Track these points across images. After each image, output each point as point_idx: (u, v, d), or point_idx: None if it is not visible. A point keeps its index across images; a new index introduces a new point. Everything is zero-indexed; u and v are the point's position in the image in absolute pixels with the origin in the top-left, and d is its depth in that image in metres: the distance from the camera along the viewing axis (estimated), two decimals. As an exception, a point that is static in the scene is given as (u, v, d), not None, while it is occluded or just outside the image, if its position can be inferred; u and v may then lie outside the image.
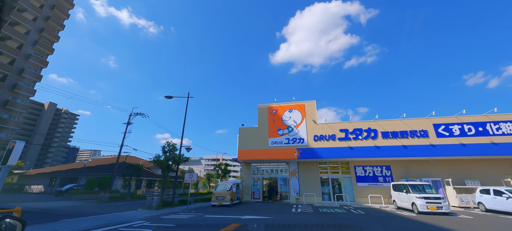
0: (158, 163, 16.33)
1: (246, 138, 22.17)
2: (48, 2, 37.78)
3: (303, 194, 19.52)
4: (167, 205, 16.29)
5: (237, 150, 21.40)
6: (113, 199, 22.89)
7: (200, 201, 21.79)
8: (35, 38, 35.16)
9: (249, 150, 21.42)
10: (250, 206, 16.32)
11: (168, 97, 21.32)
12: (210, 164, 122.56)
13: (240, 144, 21.87)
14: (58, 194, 25.27)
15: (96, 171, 35.20)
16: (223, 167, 30.29)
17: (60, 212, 12.92)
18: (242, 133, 22.49)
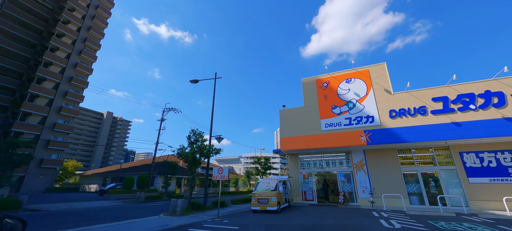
0: (183, 156, 13.35)
1: (289, 123, 17.55)
2: (88, 13, 40.85)
3: (383, 195, 13.74)
4: (197, 208, 13.20)
5: (279, 138, 16.99)
6: (149, 198, 21.69)
7: (239, 202, 18.46)
8: (80, 47, 38.32)
9: (294, 137, 16.76)
10: (305, 212, 11.75)
11: (194, 81, 18.51)
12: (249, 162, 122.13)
13: (283, 131, 17.40)
14: (101, 193, 25.78)
15: (139, 170, 36.26)
16: (263, 161, 26.40)
17: (81, 214, 11.14)
18: (285, 116, 17.94)
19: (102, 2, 44.39)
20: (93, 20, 41.78)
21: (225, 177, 10.14)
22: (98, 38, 42.43)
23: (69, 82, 35.79)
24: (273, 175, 47.08)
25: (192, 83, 18.56)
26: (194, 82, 18.47)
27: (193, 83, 18.51)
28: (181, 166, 36.61)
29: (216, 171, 10.42)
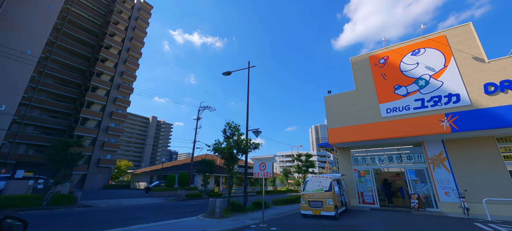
0: (219, 151, 12.22)
1: (338, 111, 14.91)
2: (129, 25, 44.64)
3: (484, 200, 10.10)
4: (237, 209, 11.92)
5: (327, 129, 14.53)
6: (189, 196, 21.77)
7: (281, 203, 16.76)
8: (124, 56, 42.12)
9: (345, 128, 14.07)
10: (373, 220, 9.25)
11: (226, 73, 17.43)
12: (285, 161, 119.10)
13: (330, 121, 14.87)
14: (146, 191, 27.24)
15: (180, 168, 37.82)
16: (305, 158, 24.02)
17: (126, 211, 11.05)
18: (331, 104, 15.35)
19: (140, 14, 48.11)
20: (134, 31, 45.53)
21: (269, 174, 8.47)
22: (139, 47, 46.06)
23: (117, 89, 39.59)
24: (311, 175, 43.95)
25: (224, 75, 17.51)
26: (226, 74, 17.41)
27: (226, 75, 17.43)
28: (218, 164, 36.83)
29: (257, 167, 8.83)
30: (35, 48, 19.72)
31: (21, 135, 28.88)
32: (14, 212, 11.02)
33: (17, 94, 18.19)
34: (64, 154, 13.75)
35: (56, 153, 13.67)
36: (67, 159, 13.77)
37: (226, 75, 17.25)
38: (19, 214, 10.19)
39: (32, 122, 30.68)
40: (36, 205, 12.11)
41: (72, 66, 36.72)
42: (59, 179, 13.68)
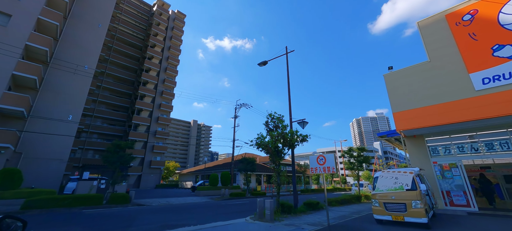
0: (262, 146, 10.98)
1: (406, 90, 12.00)
2: (167, 35, 47.84)
3: None
4: (288, 211, 10.52)
5: (392, 113, 11.80)
6: (233, 195, 21.41)
7: (335, 204, 14.81)
8: (165, 65, 45.32)
9: (418, 109, 11.15)
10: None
11: (262, 63, 16.25)
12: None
13: (395, 103, 12.07)
14: (193, 190, 28.20)
15: (222, 168, 38.57)
16: (357, 153, 21.01)
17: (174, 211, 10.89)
18: (395, 82, 12.50)
19: (175, 24, 51.17)
20: (171, 40, 48.65)
21: (331, 169, 6.78)
22: (176, 55, 49.01)
23: (161, 96, 42.81)
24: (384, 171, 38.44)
25: (260, 65, 16.34)
26: (262, 64, 16.18)
27: (262, 65, 16.23)
28: (258, 162, 36.11)
29: (314, 161, 7.22)
30: (91, 63, 22.16)
31: (88, 142, 33.61)
32: (124, 206, 12.20)
33: (80, 105, 20.67)
34: (117, 155, 14.68)
35: (111, 155, 14.68)
36: (120, 160, 14.64)
37: (262, 65, 16.05)
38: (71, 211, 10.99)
39: (96, 131, 35.42)
40: (97, 204, 13.04)
41: (123, 78, 41.23)
42: (116, 180, 14.64)
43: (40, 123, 17.83)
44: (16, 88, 17.19)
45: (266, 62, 16.05)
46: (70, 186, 17.63)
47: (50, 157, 18.06)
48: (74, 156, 30.86)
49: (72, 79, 20.49)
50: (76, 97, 20.58)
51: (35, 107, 17.98)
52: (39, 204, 11.28)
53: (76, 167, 29.35)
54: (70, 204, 12.10)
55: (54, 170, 18.09)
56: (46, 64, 19.14)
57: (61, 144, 18.72)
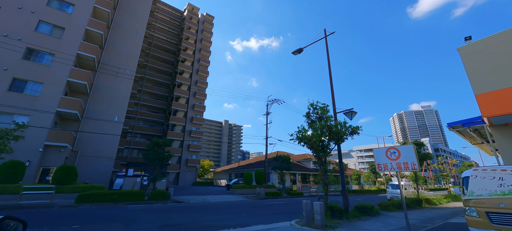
0: (305, 141, 9.62)
1: (493, 64, 9.20)
2: (197, 37, 49.50)
3: None
4: (339, 215, 9.05)
5: (475, 95, 9.16)
6: (269, 195, 20.45)
7: (392, 208, 12.61)
8: (196, 67, 46.97)
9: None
10: None
11: (297, 51, 14.92)
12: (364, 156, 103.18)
13: (477, 82, 9.33)
14: (227, 188, 28.18)
15: (254, 166, 38.05)
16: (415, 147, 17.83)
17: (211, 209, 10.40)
18: (475, 56, 9.74)
19: (205, 26, 52.68)
20: (202, 42, 50.23)
21: (411, 165, 5.11)
22: (207, 56, 50.41)
23: (194, 97, 44.46)
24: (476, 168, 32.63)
25: (295, 54, 14.97)
26: (297, 52, 14.82)
27: (296, 53, 14.85)
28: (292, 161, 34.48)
29: (381, 156, 5.65)
30: (131, 68, 23.71)
31: (133, 142, 36.71)
32: (163, 203, 12.75)
33: (124, 107, 22.26)
34: (156, 153, 15.05)
35: (151, 153, 15.10)
36: (159, 158, 14.96)
37: (297, 53, 14.67)
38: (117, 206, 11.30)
39: (139, 132, 38.51)
40: (139, 200, 13.42)
41: (160, 82, 44.06)
42: (156, 176, 15.02)
43: (91, 124, 19.59)
44: (71, 93, 19.18)
45: (302, 50, 14.62)
46: (118, 182, 18.93)
47: (101, 155, 19.71)
48: (121, 155, 33.99)
49: (116, 83, 22.15)
50: (120, 100, 22.18)
51: (87, 110, 19.83)
52: (90, 198, 11.98)
53: (123, 165, 32.19)
54: (116, 199, 12.64)
55: (104, 167, 19.69)
56: (94, 70, 21.00)
57: (109, 143, 20.31)
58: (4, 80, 15.01)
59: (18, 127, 10.70)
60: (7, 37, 15.52)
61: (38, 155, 15.10)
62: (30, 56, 16.51)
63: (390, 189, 18.76)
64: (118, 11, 25.07)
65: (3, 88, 14.85)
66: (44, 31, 17.37)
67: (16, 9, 16.46)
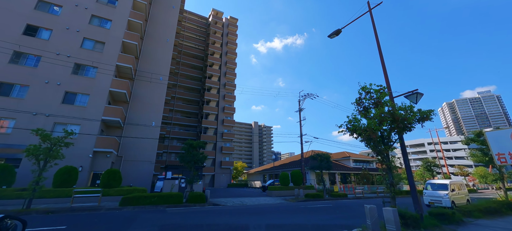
0: (359, 132, 7.95)
1: None
2: (223, 41, 50.21)
3: None
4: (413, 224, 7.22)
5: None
6: (309, 197, 18.79)
7: (478, 214, 10.18)
8: (224, 70, 47.58)
9: None
10: None
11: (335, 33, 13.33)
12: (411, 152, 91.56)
13: None
14: (263, 190, 27.23)
15: (289, 166, 36.43)
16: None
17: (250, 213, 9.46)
18: None
19: (230, 29, 53.22)
20: (227, 46, 50.80)
21: None
22: (233, 58, 50.78)
23: (224, 99, 45.01)
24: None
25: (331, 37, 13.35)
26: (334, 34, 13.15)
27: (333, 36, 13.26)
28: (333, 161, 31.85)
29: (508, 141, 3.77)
30: (164, 75, 24.62)
31: (170, 146, 38.62)
32: (201, 206, 12.77)
33: (159, 113, 23.20)
34: (191, 155, 14.88)
35: (186, 155, 15.00)
36: (194, 159, 14.76)
37: (335, 36, 12.93)
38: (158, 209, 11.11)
39: (175, 136, 40.42)
40: (178, 202, 13.26)
41: (191, 88, 45.80)
42: (193, 179, 14.84)
43: (132, 130, 20.70)
44: (113, 102, 20.57)
45: (340, 31, 12.86)
46: (158, 185, 19.54)
47: (142, 159, 20.66)
48: (160, 159, 35.95)
49: (152, 90, 23.18)
50: (156, 106, 23.13)
51: (127, 117, 21.03)
52: (133, 201, 12.17)
53: (163, 168, 33.89)
54: (156, 202, 12.65)
55: (146, 171, 20.56)
56: (132, 79, 22.26)
57: (149, 147, 21.21)
58: (58, 94, 16.62)
59: (67, 135, 11.34)
60: (59, 55, 17.22)
61: (89, 161, 16.27)
62: (78, 70, 18.09)
63: (430, 191, 14.26)
64: (149, 22, 26.40)
65: (58, 101, 16.45)
66: (88, 47, 18.93)
67: (64, 30, 18.25)
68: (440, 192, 13.52)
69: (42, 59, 16.80)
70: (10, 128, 14.77)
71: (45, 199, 12.20)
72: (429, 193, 14.17)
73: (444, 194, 13.17)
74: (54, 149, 10.94)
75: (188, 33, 49.84)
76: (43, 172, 10.52)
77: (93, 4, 20.22)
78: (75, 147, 15.81)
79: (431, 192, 14.10)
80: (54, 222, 8.12)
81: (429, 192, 14.21)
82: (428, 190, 14.44)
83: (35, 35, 17.37)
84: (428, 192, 14.27)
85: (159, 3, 28.11)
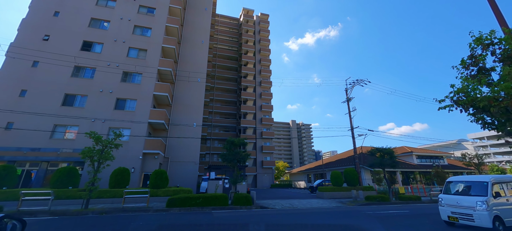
0: (482, 103, 5.33)
1: None
2: (255, 39, 49.44)
3: None
4: None
5: None
6: (371, 199, 15.79)
7: None
8: (258, 68, 46.70)
9: None
10: None
11: None
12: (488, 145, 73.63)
13: None
14: (312, 190, 24.95)
15: (337, 165, 32.97)
16: None
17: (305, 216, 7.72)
18: None
19: (261, 26, 52.23)
20: (260, 43, 49.91)
21: None
22: (267, 55, 49.54)
23: (260, 98, 44.07)
24: None
25: None
26: None
27: None
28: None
29: None
30: (201, 76, 24.84)
31: (212, 147, 39.51)
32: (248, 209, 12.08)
33: (200, 114, 23.52)
34: (233, 153, 13.96)
35: (228, 154, 14.14)
36: (237, 158, 13.79)
37: None
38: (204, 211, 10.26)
39: (216, 138, 41.22)
40: (223, 204, 12.37)
41: (227, 89, 46.36)
42: (237, 179, 13.89)
43: (176, 132, 21.23)
44: (158, 106, 21.48)
45: None
46: (203, 185, 19.42)
47: (186, 160, 20.97)
48: (204, 160, 37.01)
49: (191, 92, 23.58)
50: (196, 107, 23.42)
51: (171, 119, 21.67)
52: (178, 202, 11.77)
53: (206, 169, 34.71)
54: (201, 204, 12.00)
55: (191, 171, 20.76)
56: (172, 83, 22.98)
57: (192, 148, 21.46)
58: (111, 102, 17.96)
59: (116, 136, 11.59)
60: (109, 65, 18.67)
61: (139, 162, 16.99)
62: (126, 78, 19.35)
63: (451, 196, 7.87)
64: (184, 26, 27.18)
65: (111, 108, 17.76)
66: (133, 56, 20.16)
67: (112, 42, 19.81)
68: (469, 199, 7.27)
69: (96, 70, 18.46)
70: (72, 132, 16.47)
71: (103, 199, 12.84)
72: (448, 201, 7.80)
73: (479, 202, 6.91)
74: (105, 151, 11.26)
75: (221, 36, 50.86)
76: (97, 173, 10.87)
77: (134, 15, 21.58)
78: (127, 150, 16.71)
79: (452, 198, 7.74)
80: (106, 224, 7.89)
81: (450, 197, 7.85)
82: (447, 195, 8.02)
83: (90, 49, 19.29)
84: (447, 198, 7.88)
85: (192, 7, 28.80)
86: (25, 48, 17.26)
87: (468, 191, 7.63)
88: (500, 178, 7.59)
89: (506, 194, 7.32)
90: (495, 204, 6.80)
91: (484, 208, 6.65)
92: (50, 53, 17.59)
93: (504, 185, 7.51)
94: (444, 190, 8.33)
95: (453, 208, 7.47)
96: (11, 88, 16.31)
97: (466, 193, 7.63)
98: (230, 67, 48.28)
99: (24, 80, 16.80)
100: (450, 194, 8.04)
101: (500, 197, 6.99)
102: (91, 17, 20.26)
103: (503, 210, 6.88)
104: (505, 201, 7.13)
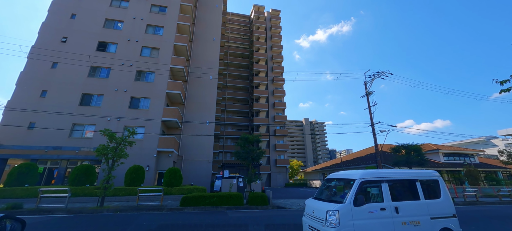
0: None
1: None
2: (267, 35, 48.62)
3: None
4: None
5: None
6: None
7: None
8: (270, 65, 45.88)
9: None
10: None
11: None
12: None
13: None
14: (329, 190, 23.54)
15: (355, 163, 31.47)
16: None
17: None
18: None
19: (272, 23, 51.34)
20: (272, 40, 49.01)
21: None
22: (279, 52, 48.59)
23: (273, 95, 43.25)
24: None
25: None
26: None
27: None
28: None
29: None
30: (213, 74, 24.58)
31: (225, 146, 39.40)
32: (264, 209, 11.65)
33: (212, 112, 23.27)
34: (247, 150, 13.41)
35: (242, 152, 13.62)
36: (251, 155, 13.23)
37: None
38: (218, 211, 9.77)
39: (229, 136, 41.05)
40: (238, 204, 11.86)
41: (239, 87, 46.03)
42: (251, 177, 13.35)
43: (189, 130, 21.09)
44: (171, 104, 21.47)
45: None
46: (217, 184, 19.11)
47: (200, 158, 20.79)
48: (217, 159, 36.96)
49: (203, 90, 23.36)
50: (209, 105, 23.18)
51: (184, 117, 21.59)
52: (192, 201, 11.42)
53: (220, 167, 34.57)
54: (215, 203, 11.57)
55: (205, 169, 20.55)
56: (185, 81, 22.90)
57: (206, 147, 21.25)
58: (125, 100, 18.12)
59: (129, 134, 11.46)
60: (123, 65, 18.86)
61: (154, 161, 16.97)
62: (139, 77, 19.47)
63: (313, 202, 5.31)
64: (196, 24, 27.05)
65: (125, 107, 17.91)
66: (146, 55, 20.25)
67: (126, 42, 20.01)
68: (324, 206, 4.74)
69: (111, 70, 18.72)
70: (91, 131, 16.78)
71: (118, 197, 12.84)
72: (309, 208, 5.30)
73: (331, 212, 4.39)
74: (119, 148, 11.16)
75: (232, 34, 50.60)
76: (111, 171, 10.78)
77: (147, 15, 21.70)
78: (142, 148, 16.74)
79: (311, 206, 5.20)
80: (119, 223, 7.64)
81: (311, 204, 5.31)
82: (312, 200, 5.41)
83: (105, 49, 19.61)
84: (309, 205, 5.34)
85: (203, 4, 28.63)
86: (45, 49, 17.87)
87: (335, 193, 5.34)
88: (377, 174, 4.87)
89: (384, 199, 4.55)
90: (356, 215, 4.24)
91: (333, 223, 4.18)
92: (68, 53, 18.08)
93: (384, 184, 4.72)
94: (317, 192, 5.73)
95: (310, 220, 4.96)
96: (32, 89, 16.94)
97: (330, 197, 5.30)
98: (241, 65, 47.92)
99: (45, 81, 17.38)
100: (320, 198, 5.30)
101: (369, 203, 4.47)
102: (105, 18, 20.62)
103: (371, 225, 4.27)
104: (378, 210, 4.41)
